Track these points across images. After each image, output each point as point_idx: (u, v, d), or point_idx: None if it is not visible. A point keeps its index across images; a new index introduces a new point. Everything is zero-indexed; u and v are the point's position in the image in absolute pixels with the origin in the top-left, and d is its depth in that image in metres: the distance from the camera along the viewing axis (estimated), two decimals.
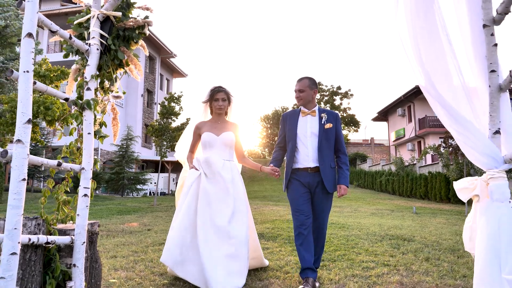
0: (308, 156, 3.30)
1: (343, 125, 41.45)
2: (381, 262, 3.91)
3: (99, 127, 2.39)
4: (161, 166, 19.36)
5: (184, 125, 17.04)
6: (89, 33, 2.36)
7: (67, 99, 2.18)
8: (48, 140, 21.33)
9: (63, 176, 2.39)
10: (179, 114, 16.51)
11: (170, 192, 26.17)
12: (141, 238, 5.57)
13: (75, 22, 2.46)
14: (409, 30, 2.10)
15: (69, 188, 2.36)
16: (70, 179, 2.38)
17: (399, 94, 30.36)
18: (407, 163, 23.21)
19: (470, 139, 1.98)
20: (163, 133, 16.12)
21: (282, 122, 3.54)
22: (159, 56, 31.42)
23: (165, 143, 16.30)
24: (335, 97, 42.45)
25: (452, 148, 13.39)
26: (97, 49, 2.32)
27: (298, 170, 3.33)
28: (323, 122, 3.33)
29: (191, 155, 3.57)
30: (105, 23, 2.38)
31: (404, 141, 30.90)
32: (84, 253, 2.10)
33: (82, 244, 2.08)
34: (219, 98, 3.46)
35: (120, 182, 22.46)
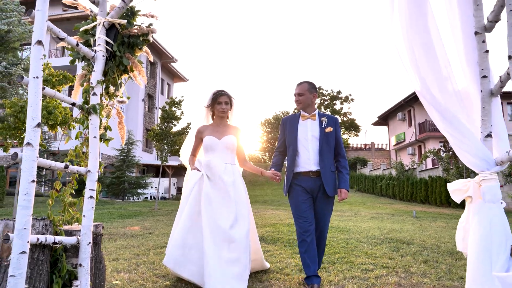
0: (309, 159, 3.30)
1: (343, 129, 41.53)
2: (380, 265, 3.97)
3: (104, 131, 2.47)
4: (162, 171, 19.39)
5: (185, 129, 17.11)
6: (95, 40, 2.44)
7: (74, 104, 2.25)
8: (49, 144, 21.43)
9: (63, 181, 2.45)
10: (180, 118, 16.60)
11: (171, 196, 26.19)
12: (143, 241, 5.62)
13: (81, 29, 2.54)
14: (404, 37, 2.18)
15: (73, 191, 2.43)
16: (75, 181, 2.45)
17: (399, 99, 30.51)
18: (407, 168, 23.27)
19: (463, 142, 2.04)
20: (164, 137, 16.19)
21: (282, 126, 3.54)
22: (160, 60, 31.55)
23: (166, 147, 16.36)
24: (335, 101, 42.55)
25: (452, 152, 13.44)
26: (103, 55, 2.39)
27: (299, 175, 3.33)
28: (323, 126, 3.34)
29: (192, 158, 3.59)
30: (110, 30, 2.46)
31: (405, 146, 30.95)
32: (90, 253, 2.17)
33: (88, 245, 2.15)
34: (222, 102, 3.50)
35: (121, 186, 22.50)
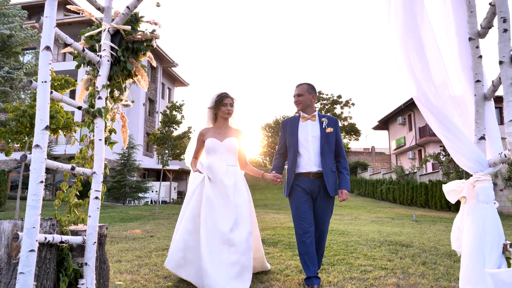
0: (310, 160, 3.32)
1: (343, 134, 41.58)
2: (379, 266, 4.02)
3: (108, 134, 2.53)
4: (163, 175, 19.45)
5: (186, 133, 17.18)
6: (100, 46, 2.51)
7: (80, 107, 2.32)
8: (50, 148, 21.51)
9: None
10: (180, 122, 16.65)
11: (172, 200, 26.22)
12: (145, 244, 5.67)
13: (86, 35, 2.61)
14: (400, 42, 2.25)
15: (78, 192, 2.50)
16: (80, 183, 2.51)
17: (400, 103, 30.57)
18: (407, 172, 23.32)
19: (458, 144, 2.11)
20: (164, 141, 16.24)
21: (282, 128, 3.57)
22: (161, 65, 31.67)
23: (166, 151, 16.41)
24: (335, 106, 42.64)
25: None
26: (108, 60, 2.47)
27: (300, 175, 3.34)
28: (324, 127, 3.36)
29: (194, 161, 3.63)
30: (115, 36, 2.53)
31: (405, 150, 30.99)
32: (95, 252, 2.22)
33: (93, 244, 2.21)
34: (227, 103, 3.57)
35: (122, 190, 22.55)
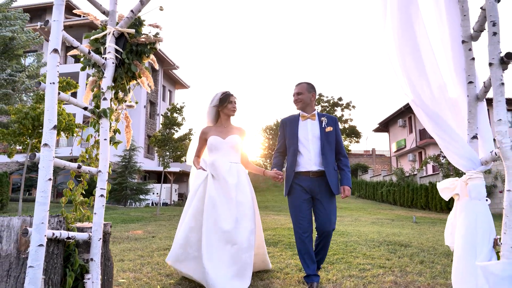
0: (310, 159, 3.33)
1: (344, 136, 41.65)
2: (377, 265, 4.08)
3: (113, 134, 2.61)
4: (164, 177, 19.51)
5: (187, 135, 17.27)
6: (105, 48, 2.59)
7: (86, 108, 2.40)
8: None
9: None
10: (181, 124, 16.76)
11: (173, 202, 26.28)
12: (146, 244, 5.74)
13: (92, 38, 2.69)
14: (396, 44, 2.32)
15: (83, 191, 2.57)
16: (85, 182, 2.59)
17: (400, 105, 30.67)
18: (407, 174, 23.37)
19: (451, 144, 2.18)
20: (165, 143, 16.32)
21: (282, 127, 3.58)
22: (161, 67, 31.81)
23: (167, 153, 16.48)
24: (336, 108, 42.72)
25: None
26: (113, 62, 2.54)
27: (300, 174, 3.35)
28: (323, 126, 3.38)
29: (197, 159, 3.66)
30: (119, 39, 2.61)
31: (405, 152, 31.07)
32: (100, 248, 2.29)
33: (99, 240, 2.28)
34: (233, 101, 3.63)
35: (123, 192, 22.62)
